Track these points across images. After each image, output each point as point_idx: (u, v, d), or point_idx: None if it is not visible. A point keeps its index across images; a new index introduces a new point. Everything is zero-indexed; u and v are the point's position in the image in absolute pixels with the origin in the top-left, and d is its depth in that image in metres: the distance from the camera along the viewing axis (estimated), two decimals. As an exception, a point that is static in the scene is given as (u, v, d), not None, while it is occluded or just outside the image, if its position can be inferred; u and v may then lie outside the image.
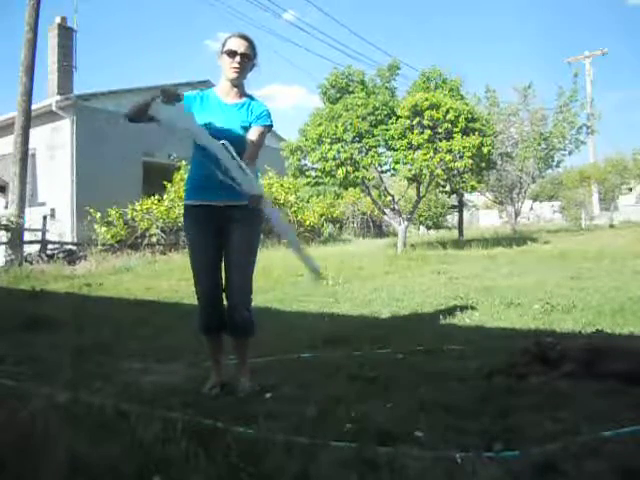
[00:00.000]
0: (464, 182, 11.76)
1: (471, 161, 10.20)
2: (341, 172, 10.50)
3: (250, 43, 2.49)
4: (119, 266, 8.92)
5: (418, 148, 10.46)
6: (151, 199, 11.81)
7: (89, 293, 6.36)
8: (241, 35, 2.50)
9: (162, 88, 2.28)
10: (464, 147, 10.06)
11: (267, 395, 2.39)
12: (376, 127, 10.73)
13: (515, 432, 1.84)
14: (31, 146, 10.56)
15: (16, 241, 9.61)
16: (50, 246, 11.07)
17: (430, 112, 10.13)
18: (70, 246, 11.49)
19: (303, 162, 11.50)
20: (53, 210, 12.79)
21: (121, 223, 11.42)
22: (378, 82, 11.66)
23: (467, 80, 20.26)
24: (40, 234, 11.02)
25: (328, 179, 11.10)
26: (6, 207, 10.66)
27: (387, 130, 10.70)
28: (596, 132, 17.57)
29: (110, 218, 11.38)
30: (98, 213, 11.16)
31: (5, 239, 9.63)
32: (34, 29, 9.81)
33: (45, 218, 11.42)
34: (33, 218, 11.25)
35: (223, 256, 2.49)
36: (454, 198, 15.94)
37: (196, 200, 2.47)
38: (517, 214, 17.07)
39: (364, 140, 10.68)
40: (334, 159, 10.50)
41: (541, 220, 26.47)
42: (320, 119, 10.87)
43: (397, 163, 10.84)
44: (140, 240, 11.35)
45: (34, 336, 3.74)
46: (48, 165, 13.26)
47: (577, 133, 15.40)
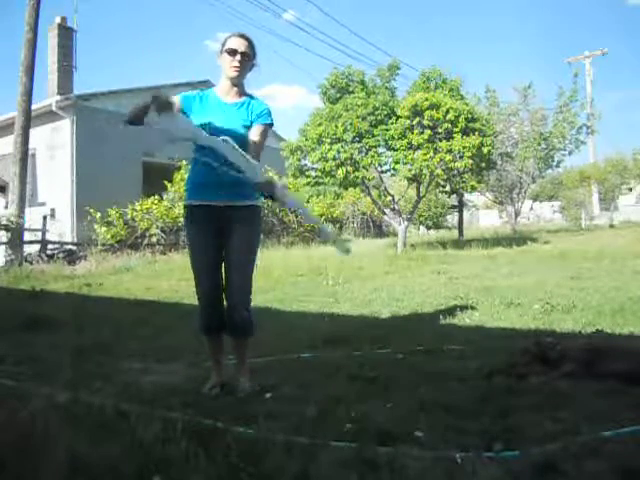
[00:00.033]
0: (464, 182, 11.76)
1: (471, 161, 10.20)
2: (341, 172, 10.50)
3: (250, 43, 2.50)
4: (119, 266, 8.92)
5: (418, 148, 10.46)
6: (151, 199, 11.82)
7: (89, 293, 6.36)
8: (241, 35, 2.51)
9: (154, 95, 2.25)
10: (464, 147, 10.07)
11: (267, 395, 2.39)
12: (376, 127, 10.73)
13: (515, 432, 1.84)
14: (31, 146, 10.57)
15: (16, 241, 9.61)
16: (50, 246, 11.07)
17: (430, 112, 10.13)
18: (70, 246, 11.49)
19: (303, 162, 11.49)
20: (53, 210, 12.80)
21: (121, 223, 11.42)
22: (378, 82, 11.66)
23: (467, 80, 20.29)
24: (40, 234, 11.03)
25: (328, 179, 11.10)
26: (6, 207, 10.66)
27: (387, 130, 10.70)
28: (596, 132, 17.58)
29: (110, 218, 11.38)
30: (98, 213, 11.16)
31: (5, 239, 9.63)
32: (34, 29, 9.82)
33: (45, 218, 11.43)
34: (33, 218, 11.25)
35: (223, 256, 2.49)
36: (454, 198, 15.94)
37: (196, 200, 2.47)
38: (517, 214, 17.07)
39: (364, 140, 10.68)
40: (334, 159, 10.50)
41: (541, 220, 26.48)
42: (320, 119, 10.87)
43: (397, 163, 10.85)
44: (140, 240, 11.35)
45: (34, 336, 3.74)
46: (48, 165, 13.26)
47: (577, 133, 15.41)
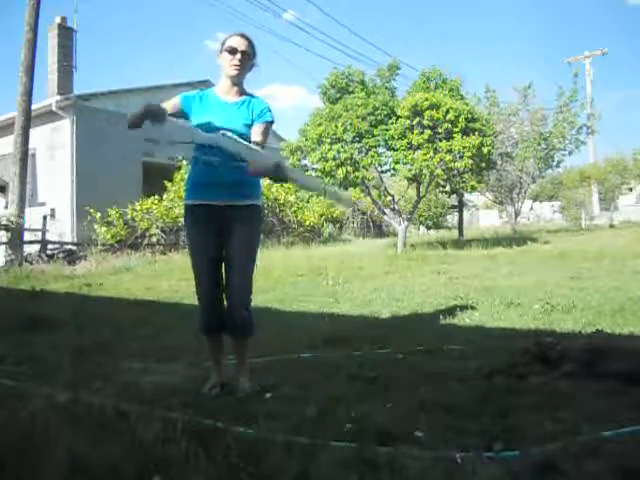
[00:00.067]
0: (464, 182, 11.76)
1: (471, 161, 10.20)
2: (341, 172, 10.50)
3: (250, 42, 2.50)
4: (119, 266, 8.92)
5: (418, 148, 10.47)
6: (151, 199, 11.82)
7: (89, 293, 6.36)
8: (241, 34, 2.51)
9: (145, 108, 2.26)
10: (464, 147, 10.07)
11: (267, 395, 2.39)
12: (376, 127, 10.74)
13: (515, 432, 1.84)
14: (31, 146, 10.57)
15: (16, 241, 9.61)
16: (50, 246, 11.07)
17: (430, 112, 10.14)
18: (70, 246, 11.49)
19: (303, 162, 11.50)
20: (53, 210, 12.80)
21: (121, 223, 11.42)
22: (378, 82, 11.66)
23: (467, 80, 20.28)
24: (40, 234, 11.03)
25: (328, 179, 11.10)
26: (6, 207, 10.66)
27: (387, 130, 10.70)
28: (596, 132, 17.59)
29: (110, 218, 11.38)
30: (98, 213, 11.16)
31: (5, 239, 9.64)
32: (34, 29, 9.82)
33: (45, 218, 11.43)
34: (33, 218, 11.25)
35: (224, 256, 2.49)
36: (454, 198, 15.94)
37: (196, 200, 2.47)
38: (517, 214, 17.07)
39: (364, 140, 10.69)
40: (334, 159, 10.50)
41: (541, 220, 26.47)
42: (320, 119, 10.87)
43: (397, 163, 10.85)
44: (140, 240, 11.35)
45: (34, 336, 3.74)
46: (48, 165, 13.26)
47: (577, 133, 15.41)
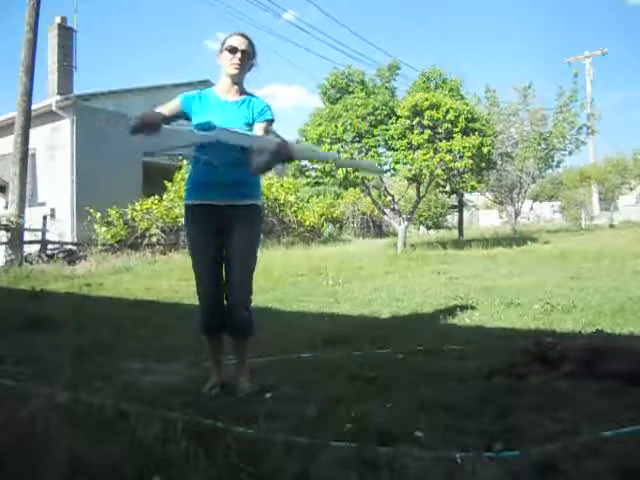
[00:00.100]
0: (464, 182, 11.78)
1: (471, 161, 10.20)
2: (341, 172, 10.51)
3: (250, 42, 2.51)
4: (119, 266, 8.92)
5: (418, 148, 10.47)
6: (151, 199, 11.82)
7: (89, 293, 6.35)
8: (241, 34, 2.51)
9: (140, 121, 2.25)
10: (464, 147, 10.07)
11: (267, 395, 2.39)
12: (376, 127, 10.74)
13: (515, 432, 1.84)
14: (31, 146, 10.56)
15: (16, 241, 9.61)
16: (50, 246, 11.06)
17: (430, 112, 10.14)
18: (70, 246, 11.49)
19: (303, 162, 11.50)
20: (53, 210, 12.79)
21: (121, 223, 11.42)
22: (378, 82, 11.67)
23: (467, 80, 20.32)
24: (40, 234, 11.02)
25: (328, 179, 11.11)
26: (6, 207, 10.66)
27: (387, 130, 10.71)
28: (596, 132, 17.60)
29: (110, 218, 11.38)
30: (98, 213, 11.16)
31: (5, 239, 9.63)
32: (34, 29, 9.81)
33: (45, 218, 11.42)
34: (33, 218, 11.25)
35: (224, 256, 2.49)
36: (454, 198, 15.95)
37: (197, 199, 2.47)
38: (517, 214, 17.09)
39: (364, 140, 10.69)
40: (334, 159, 10.49)
41: (541, 220, 26.49)
42: (320, 119, 10.88)
43: (397, 163, 10.85)
44: (140, 240, 11.35)
45: (34, 336, 3.74)
46: (48, 165, 13.26)
47: (577, 133, 15.43)
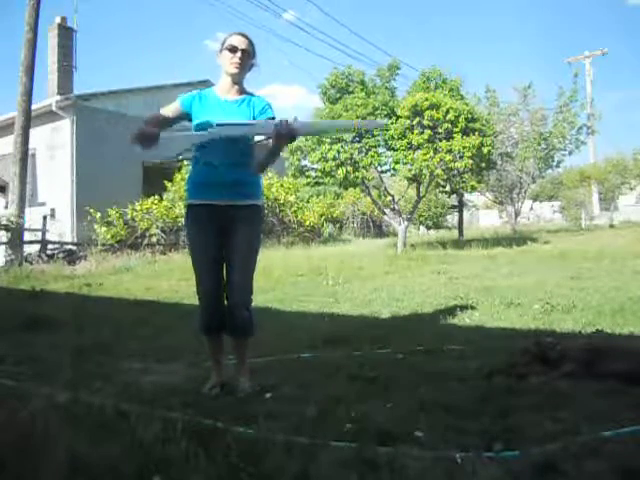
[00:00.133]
0: (464, 182, 11.77)
1: (471, 161, 10.20)
2: (341, 172, 10.51)
3: (250, 41, 2.51)
4: (119, 266, 8.92)
5: (418, 148, 10.47)
6: (151, 199, 11.81)
7: (89, 293, 6.35)
8: (241, 33, 2.52)
9: (137, 135, 2.26)
10: (464, 147, 10.07)
11: (267, 395, 2.39)
12: (376, 127, 10.74)
13: (515, 432, 1.84)
14: (31, 146, 10.56)
15: (16, 241, 9.61)
16: (50, 246, 11.06)
17: (430, 112, 10.14)
18: (70, 246, 11.49)
19: (303, 162, 11.51)
20: (53, 210, 12.79)
21: (121, 223, 11.42)
22: (378, 82, 11.67)
23: (467, 80, 20.34)
24: (40, 234, 11.02)
25: (328, 179, 11.11)
26: (6, 207, 10.65)
27: (387, 130, 10.71)
28: (596, 132, 17.61)
29: (110, 218, 11.37)
30: (98, 213, 11.16)
31: (5, 239, 9.63)
32: (34, 29, 9.81)
33: (45, 218, 11.42)
34: (33, 218, 11.25)
35: (224, 256, 2.49)
36: (454, 198, 15.95)
37: (198, 199, 2.47)
38: (517, 214, 17.09)
39: (364, 140, 10.69)
40: (334, 159, 10.50)
41: (541, 220, 26.50)
42: (320, 119, 10.87)
43: (397, 163, 10.86)
44: (140, 240, 11.35)
45: (34, 336, 3.74)
46: (48, 165, 13.26)
47: (577, 133, 15.43)
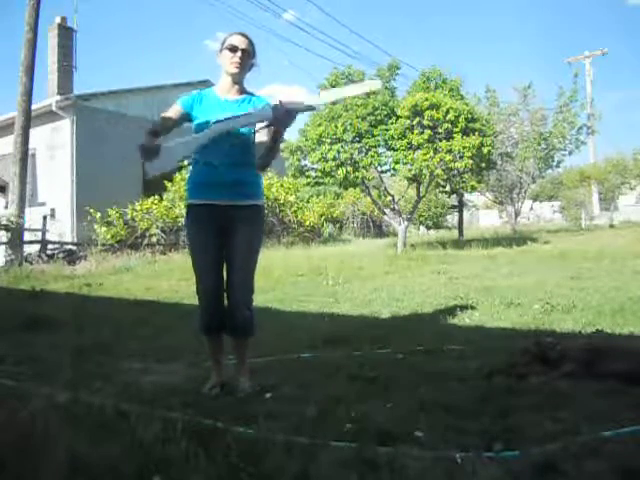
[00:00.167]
0: (464, 182, 11.77)
1: (471, 161, 10.20)
2: (341, 172, 10.51)
3: (250, 41, 2.51)
4: (119, 266, 8.92)
5: (418, 148, 10.47)
6: (151, 199, 11.81)
7: (89, 293, 6.35)
8: (241, 33, 2.52)
9: (140, 147, 2.26)
10: (464, 147, 10.07)
11: (267, 395, 2.39)
12: (376, 127, 10.74)
13: (515, 432, 1.84)
14: (31, 146, 10.56)
15: (16, 241, 9.61)
16: (50, 246, 11.06)
17: (430, 112, 10.14)
18: (70, 246, 11.49)
19: (303, 162, 11.50)
20: (53, 210, 12.79)
21: (121, 223, 11.41)
22: (378, 82, 11.66)
23: (467, 80, 20.34)
24: (40, 234, 11.02)
25: (328, 179, 11.11)
26: (6, 207, 10.65)
27: (387, 130, 10.70)
28: (596, 132, 17.61)
29: (110, 218, 11.37)
30: (98, 213, 11.16)
31: (5, 239, 9.63)
32: (34, 29, 9.81)
33: (45, 218, 11.42)
34: (33, 218, 11.25)
35: (225, 256, 2.49)
36: (454, 198, 15.95)
37: (199, 199, 2.46)
38: (517, 214, 17.09)
39: (364, 140, 10.69)
40: (334, 159, 10.50)
41: (541, 220, 26.50)
42: (320, 119, 10.87)
43: (397, 163, 10.85)
44: (140, 240, 11.34)
45: (34, 336, 3.74)
46: (48, 165, 13.26)
47: (577, 133, 15.43)
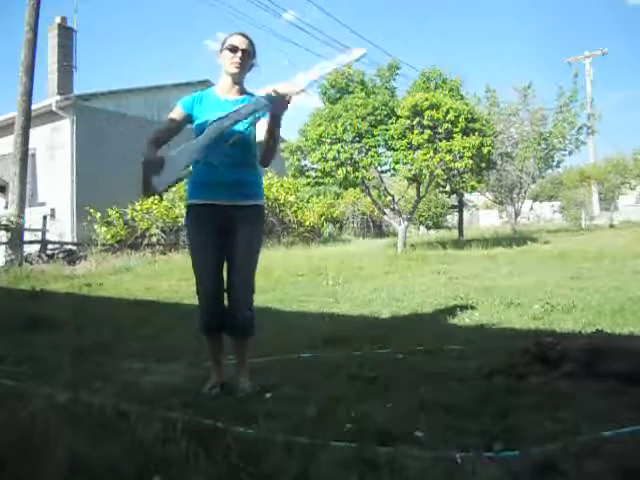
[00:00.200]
0: (464, 182, 11.77)
1: (471, 161, 10.20)
2: (341, 172, 10.51)
3: (250, 41, 2.51)
4: (119, 266, 8.92)
5: (418, 148, 10.47)
6: (151, 199, 11.79)
7: (89, 293, 6.35)
8: (242, 33, 2.52)
9: (144, 163, 2.25)
10: (464, 147, 10.07)
11: (267, 395, 2.39)
12: (376, 127, 10.74)
13: (515, 432, 1.84)
14: (31, 146, 10.56)
15: (16, 241, 9.61)
16: (50, 246, 11.07)
17: (430, 112, 10.14)
18: (70, 246, 11.49)
19: (303, 162, 11.51)
20: (53, 210, 12.80)
21: (121, 223, 11.42)
22: (378, 82, 11.66)
23: (467, 80, 20.34)
24: (40, 234, 11.03)
25: (328, 179, 11.12)
26: (6, 207, 10.65)
27: (387, 130, 10.70)
28: (596, 132, 17.62)
29: (110, 218, 11.38)
30: (98, 213, 11.16)
31: (5, 239, 9.63)
32: (34, 29, 9.81)
33: (45, 218, 11.43)
34: (33, 218, 11.25)
35: (225, 256, 2.49)
36: (454, 198, 15.95)
37: (200, 199, 2.46)
38: (517, 214, 17.09)
39: (364, 140, 10.69)
40: (334, 159, 10.50)
41: (541, 220, 26.50)
42: (320, 119, 10.87)
43: (397, 163, 10.85)
44: (140, 240, 11.35)
45: (34, 336, 3.74)
46: (48, 165, 13.26)
47: (577, 133, 15.44)
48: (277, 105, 2.29)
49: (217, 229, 2.44)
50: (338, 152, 10.47)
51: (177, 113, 2.48)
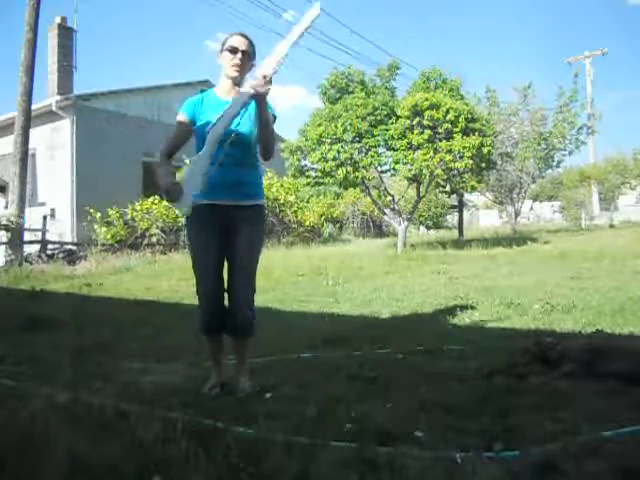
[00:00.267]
0: (464, 182, 11.77)
1: (471, 161, 10.20)
2: (341, 172, 10.51)
3: (250, 42, 2.50)
4: (119, 266, 8.92)
5: (418, 148, 10.47)
6: (151, 199, 11.81)
7: (89, 293, 6.35)
8: (242, 34, 2.51)
9: (165, 193, 2.32)
10: (464, 147, 10.07)
11: (267, 395, 2.39)
12: (376, 127, 10.74)
13: (515, 432, 1.84)
14: (31, 146, 10.56)
15: (16, 241, 9.61)
16: (50, 246, 11.06)
17: (430, 112, 10.14)
18: (70, 246, 11.49)
19: (303, 162, 11.50)
20: (53, 210, 12.80)
21: (121, 223, 11.42)
22: (378, 82, 11.67)
23: (467, 80, 20.36)
24: (40, 234, 11.02)
25: (328, 179, 11.11)
26: (6, 207, 10.65)
27: (387, 130, 10.70)
28: (596, 132, 17.61)
29: (110, 218, 11.37)
30: (98, 213, 11.16)
31: (5, 239, 9.63)
32: (34, 29, 9.81)
33: (45, 218, 11.42)
34: (33, 218, 11.25)
35: (225, 256, 2.49)
36: (454, 198, 15.95)
37: (200, 199, 2.46)
38: (517, 214, 17.08)
39: (364, 140, 10.69)
40: (334, 159, 10.50)
41: (541, 220, 26.50)
42: (320, 119, 10.87)
43: (397, 163, 10.85)
44: (140, 240, 11.34)
45: (34, 336, 3.74)
46: (48, 165, 13.26)
47: (577, 133, 15.43)
48: (259, 88, 2.26)
49: (218, 229, 2.44)
50: (338, 152, 10.47)
51: (182, 118, 2.49)
